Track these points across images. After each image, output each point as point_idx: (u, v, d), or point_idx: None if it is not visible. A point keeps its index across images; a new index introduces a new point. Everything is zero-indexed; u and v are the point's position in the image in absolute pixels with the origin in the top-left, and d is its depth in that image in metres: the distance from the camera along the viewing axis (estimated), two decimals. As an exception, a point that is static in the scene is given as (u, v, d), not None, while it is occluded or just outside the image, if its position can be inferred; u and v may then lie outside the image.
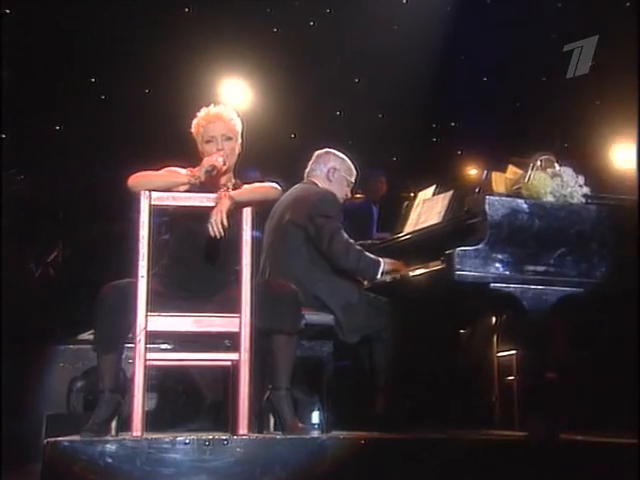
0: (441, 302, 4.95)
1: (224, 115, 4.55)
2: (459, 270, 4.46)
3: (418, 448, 4.12)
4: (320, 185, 5.26)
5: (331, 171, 5.30)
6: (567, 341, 4.86)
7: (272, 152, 8.63)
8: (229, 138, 4.52)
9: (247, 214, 4.22)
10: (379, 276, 4.96)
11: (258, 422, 4.48)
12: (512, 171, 5.06)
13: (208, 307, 4.24)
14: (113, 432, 4.20)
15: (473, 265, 4.48)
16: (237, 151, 4.58)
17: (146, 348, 4.06)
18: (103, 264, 6.98)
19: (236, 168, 4.63)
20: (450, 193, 5.07)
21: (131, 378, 4.04)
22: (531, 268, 4.56)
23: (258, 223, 4.55)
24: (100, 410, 4.15)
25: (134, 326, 4.05)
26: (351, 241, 5.00)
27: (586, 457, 4.27)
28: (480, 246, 4.50)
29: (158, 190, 4.19)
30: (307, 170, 5.38)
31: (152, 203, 4.16)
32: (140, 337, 4.06)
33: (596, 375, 5.13)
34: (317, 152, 5.40)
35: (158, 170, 4.40)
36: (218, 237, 4.10)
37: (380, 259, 4.99)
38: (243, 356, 4.12)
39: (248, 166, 7.42)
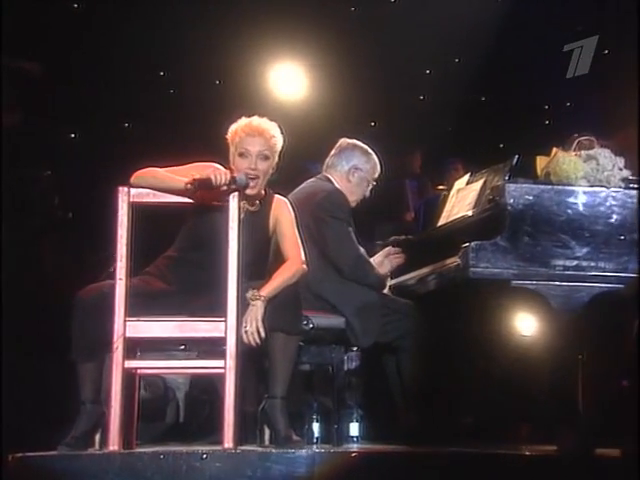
0: (469, 301, 4.77)
1: (266, 131, 4.45)
2: (474, 266, 4.29)
3: (418, 462, 3.98)
4: (337, 183, 5.01)
5: (352, 171, 5.03)
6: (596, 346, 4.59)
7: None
8: (266, 157, 4.43)
9: (233, 210, 4.15)
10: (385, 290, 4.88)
11: (259, 434, 4.42)
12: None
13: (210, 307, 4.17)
14: (97, 446, 4.20)
15: (490, 260, 4.30)
16: (271, 171, 4.48)
17: (124, 355, 4.05)
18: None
19: (267, 184, 4.56)
20: (481, 182, 4.88)
21: (109, 387, 4.02)
22: (560, 263, 4.36)
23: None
24: (80, 423, 4.13)
25: (111, 332, 4.04)
26: (361, 251, 4.83)
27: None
28: (498, 239, 4.31)
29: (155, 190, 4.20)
30: (326, 162, 5.13)
31: (131, 200, 4.15)
32: (118, 344, 4.05)
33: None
34: (341, 142, 5.13)
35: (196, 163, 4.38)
36: (254, 346, 4.12)
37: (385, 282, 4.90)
38: (229, 363, 4.05)
39: (311, 159, 7.39)
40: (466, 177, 5.16)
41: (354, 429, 5.12)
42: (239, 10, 8.53)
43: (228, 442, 4.00)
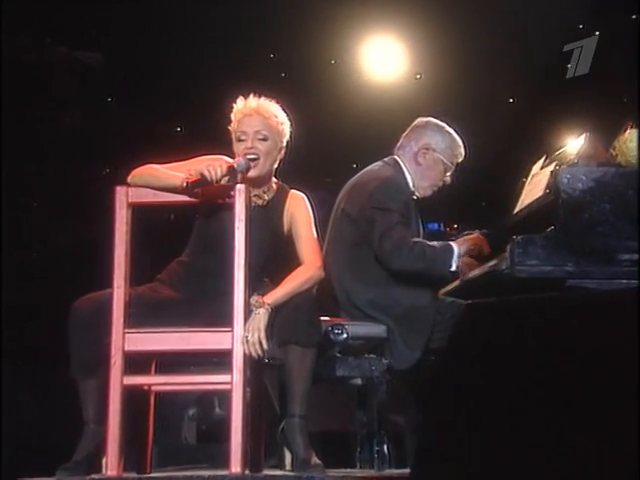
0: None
1: (263, 109, 4.29)
2: (520, 264, 3.96)
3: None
4: (405, 167, 4.71)
5: (422, 151, 4.71)
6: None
7: (489, 118, 8.22)
8: (264, 138, 4.26)
9: (240, 207, 3.98)
10: (454, 265, 4.45)
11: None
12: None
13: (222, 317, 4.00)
14: (103, 470, 4.09)
15: (540, 257, 3.97)
16: (276, 156, 4.33)
17: (123, 371, 3.94)
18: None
19: (277, 174, 4.41)
20: (552, 166, 4.54)
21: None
22: (626, 257, 3.98)
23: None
24: (82, 446, 4.02)
25: (109, 345, 3.94)
26: (407, 238, 4.44)
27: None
28: (549, 231, 3.97)
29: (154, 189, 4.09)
30: (397, 144, 4.84)
31: (130, 201, 4.04)
32: (116, 359, 3.95)
33: None
34: (416, 121, 4.85)
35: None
36: (256, 358, 3.93)
37: (451, 243, 4.51)
38: (236, 377, 3.88)
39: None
40: (541, 161, 4.81)
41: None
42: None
43: (235, 466, 3.83)
